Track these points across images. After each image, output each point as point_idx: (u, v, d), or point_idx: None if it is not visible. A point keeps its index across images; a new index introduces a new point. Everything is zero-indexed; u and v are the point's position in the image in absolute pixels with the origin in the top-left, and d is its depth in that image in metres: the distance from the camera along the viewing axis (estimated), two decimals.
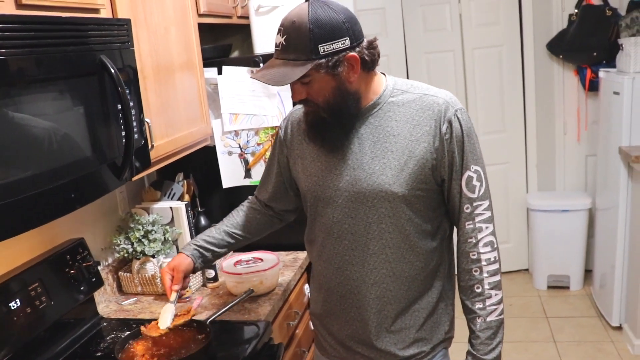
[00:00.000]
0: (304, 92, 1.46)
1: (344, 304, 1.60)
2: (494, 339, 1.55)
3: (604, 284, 3.76)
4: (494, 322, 1.54)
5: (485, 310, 1.54)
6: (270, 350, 1.88)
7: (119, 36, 1.68)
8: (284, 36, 1.40)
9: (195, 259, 1.77)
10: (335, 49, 1.39)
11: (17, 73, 1.29)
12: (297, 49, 1.38)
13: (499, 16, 4.22)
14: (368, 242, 1.53)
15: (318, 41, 1.37)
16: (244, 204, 1.90)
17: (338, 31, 1.39)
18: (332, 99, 1.45)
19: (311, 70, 1.39)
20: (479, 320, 1.55)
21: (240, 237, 1.85)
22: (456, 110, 1.51)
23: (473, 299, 1.55)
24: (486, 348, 1.55)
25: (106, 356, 1.81)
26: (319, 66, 1.39)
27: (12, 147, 1.27)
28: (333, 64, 1.39)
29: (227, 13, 2.72)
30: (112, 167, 1.64)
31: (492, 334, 1.54)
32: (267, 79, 1.42)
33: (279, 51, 1.43)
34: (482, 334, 1.55)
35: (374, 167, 1.49)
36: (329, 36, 1.38)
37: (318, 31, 1.37)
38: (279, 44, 1.42)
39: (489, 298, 1.54)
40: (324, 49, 1.38)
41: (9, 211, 1.26)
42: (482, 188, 1.53)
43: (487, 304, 1.54)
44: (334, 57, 1.39)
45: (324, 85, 1.43)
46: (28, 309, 1.70)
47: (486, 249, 1.53)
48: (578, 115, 4.21)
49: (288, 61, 1.40)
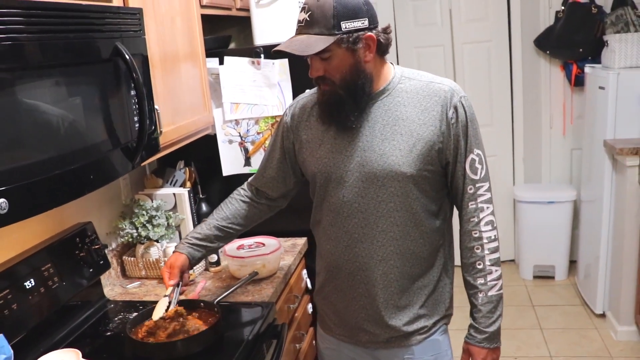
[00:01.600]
0: (321, 68, 1.54)
1: (352, 280, 1.68)
2: (494, 312, 1.64)
3: (588, 274, 3.87)
4: (494, 297, 1.64)
5: (487, 286, 1.64)
6: (274, 330, 1.95)
7: (131, 24, 1.73)
8: (308, 12, 1.49)
9: (189, 256, 1.83)
10: (355, 27, 1.49)
11: (36, 58, 1.34)
12: (320, 24, 1.48)
13: (487, 12, 4.31)
14: (377, 220, 1.60)
15: (341, 18, 1.47)
16: (232, 196, 1.95)
17: (359, 11, 1.49)
18: (348, 76, 1.53)
19: (333, 45, 1.48)
20: (481, 295, 1.64)
21: (230, 230, 1.90)
22: (461, 97, 1.60)
23: (475, 274, 1.65)
24: (487, 321, 1.64)
25: (115, 335, 1.87)
26: (340, 41, 1.48)
27: (30, 131, 1.32)
28: (353, 40, 1.49)
29: (227, 5, 2.77)
30: (125, 151, 1.69)
31: (492, 308, 1.64)
32: (292, 48, 1.49)
33: (302, 27, 1.52)
34: (484, 308, 1.64)
35: (384, 148, 1.57)
36: (350, 14, 1.47)
37: (341, 9, 1.47)
38: (303, 20, 1.51)
39: (490, 274, 1.63)
40: (346, 25, 1.47)
41: (29, 192, 1.31)
42: (483, 170, 1.62)
43: (488, 279, 1.64)
44: (354, 34, 1.49)
45: (342, 62, 1.52)
46: (42, 289, 1.75)
47: (487, 227, 1.63)
48: (564, 109, 4.32)
49: (311, 35, 1.49)
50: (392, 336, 1.69)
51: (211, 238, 1.87)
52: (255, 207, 1.91)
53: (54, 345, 1.78)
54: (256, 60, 2.56)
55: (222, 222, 1.88)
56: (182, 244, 1.85)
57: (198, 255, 1.85)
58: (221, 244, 1.92)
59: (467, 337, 1.70)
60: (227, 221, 1.89)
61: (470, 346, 1.69)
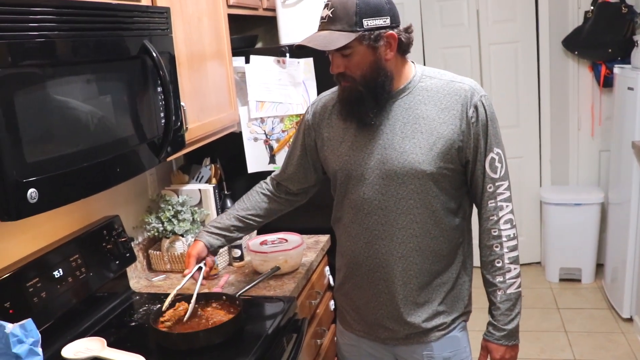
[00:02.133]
0: (342, 65, 1.56)
1: (372, 277, 1.70)
2: (513, 310, 1.65)
3: (615, 277, 3.83)
4: (513, 295, 1.65)
5: (505, 284, 1.65)
6: (295, 325, 1.98)
7: (159, 23, 1.78)
8: (331, 9, 1.53)
9: (207, 244, 1.87)
10: (377, 25, 1.52)
11: (69, 55, 1.40)
12: (342, 21, 1.51)
13: (515, 13, 4.29)
14: (397, 217, 1.63)
15: (363, 15, 1.50)
16: (254, 189, 1.99)
17: (381, 9, 1.52)
18: (368, 73, 1.56)
19: (354, 41, 1.51)
20: (500, 293, 1.65)
21: (249, 221, 1.93)
22: (481, 96, 1.61)
23: (494, 272, 1.66)
24: (506, 319, 1.65)
25: (140, 326, 1.92)
26: (362, 38, 1.51)
27: (60, 125, 1.38)
28: (374, 37, 1.52)
29: (254, 5, 2.81)
30: (151, 146, 1.74)
31: (511, 306, 1.65)
32: (314, 43, 1.53)
33: (325, 23, 1.55)
34: (503, 305, 1.65)
35: (405, 146, 1.59)
36: (372, 12, 1.51)
37: (363, 6, 1.50)
38: (325, 16, 1.54)
39: (509, 272, 1.65)
40: (368, 23, 1.50)
41: (58, 183, 1.36)
42: (503, 169, 1.63)
43: (507, 277, 1.65)
44: (375, 32, 1.51)
45: (363, 59, 1.54)
46: (70, 278, 1.81)
47: (506, 225, 1.64)
48: (592, 110, 4.28)
49: (333, 31, 1.52)
50: (411, 332, 1.70)
51: (230, 228, 1.90)
52: (276, 200, 1.95)
53: (81, 333, 1.84)
54: (281, 59, 2.59)
55: (242, 213, 1.92)
56: (202, 233, 1.90)
57: (217, 243, 1.89)
58: (240, 235, 1.95)
59: (485, 334, 1.71)
60: (247, 212, 1.92)
61: (488, 343, 1.70)
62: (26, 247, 1.80)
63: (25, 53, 1.26)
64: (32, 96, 1.28)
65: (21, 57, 1.25)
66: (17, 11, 1.24)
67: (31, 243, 1.82)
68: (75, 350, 1.71)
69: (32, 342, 1.28)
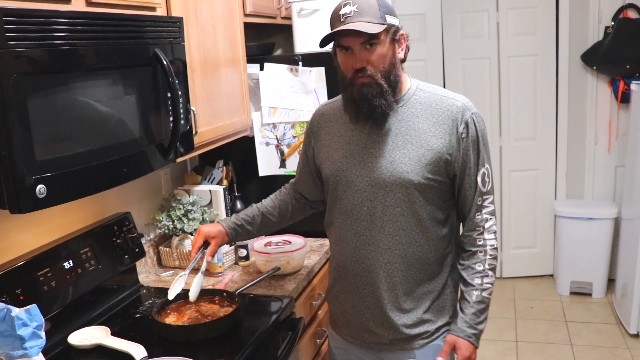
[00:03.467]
0: (364, 59, 1.62)
1: (358, 281, 1.77)
2: (483, 314, 1.73)
3: (625, 293, 3.83)
4: (487, 299, 1.73)
5: (482, 287, 1.72)
6: (291, 323, 2.07)
7: (172, 32, 1.88)
8: (355, 5, 1.60)
9: (231, 235, 1.97)
10: (394, 23, 1.64)
11: (83, 61, 1.51)
12: (370, 14, 1.60)
13: (535, 26, 4.32)
14: (384, 223, 1.70)
15: (385, 11, 1.62)
16: (282, 189, 2.09)
17: (393, 10, 1.66)
18: (388, 67, 1.64)
19: (383, 32, 1.60)
20: (476, 293, 1.72)
21: (273, 219, 2.03)
22: (472, 114, 1.69)
23: (474, 274, 1.73)
24: (477, 319, 1.72)
25: (144, 318, 2.02)
26: (388, 30, 1.62)
27: (75, 126, 1.49)
28: (394, 33, 1.64)
29: (272, 14, 2.91)
30: (160, 148, 1.85)
31: (482, 309, 1.72)
32: (353, 27, 1.57)
33: (351, 17, 1.59)
34: (477, 306, 1.72)
35: (395, 156, 1.67)
36: (390, 11, 1.64)
37: (382, 5, 1.62)
38: (351, 11, 1.60)
39: (487, 277, 1.72)
40: (389, 19, 1.62)
41: (67, 180, 1.47)
42: (490, 183, 1.72)
43: (484, 281, 1.72)
44: (394, 27, 1.63)
45: (386, 52, 1.63)
46: (79, 270, 1.93)
47: (490, 236, 1.73)
48: (609, 126, 4.28)
49: (364, 22, 1.59)
50: (396, 338, 1.76)
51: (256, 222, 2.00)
52: (300, 203, 2.05)
53: (88, 322, 1.95)
54: (294, 68, 2.69)
55: (270, 209, 2.02)
56: (229, 220, 2.00)
57: (236, 235, 1.98)
58: (259, 231, 2.04)
59: (454, 330, 1.74)
60: (273, 209, 2.02)
61: (458, 339, 1.73)
62: (41, 238, 1.92)
63: (44, 60, 1.37)
64: (45, 100, 1.39)
65: (37, 64, 1.36)
66: (39, 22, 1.36)
67: (46, 235, 1.94)
68: (81, 337, 1.82)
69: (35, 325, 1.38)
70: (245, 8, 2.60)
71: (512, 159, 4.51)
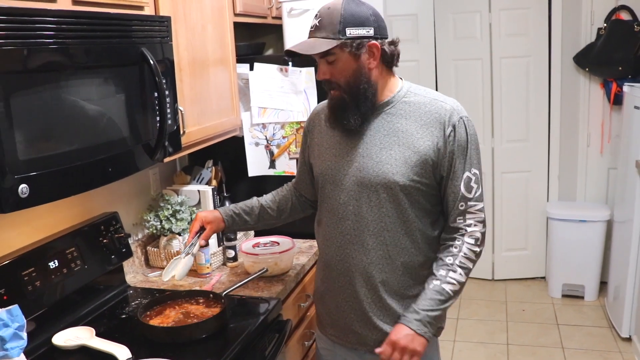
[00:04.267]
0: (327, 72, 1.65)
1: (343, 280, 1.77)
2: (439, 305, 1.64)
3: (617, 296, 3.83)
4: (446, 292, 1.65)
5: (445, 279, 1.66)
6: (278, 325, 2.05)
7: (159, 31, 1.87)
8: (319, 19, 1.62)
9: (228, 224, 1.99)
10: (360, 34, 1.60)
11: (69, 60, 1.49)
12: (327, 29, 1.60)
13: (528, 27, 4.32)
14: (369, 223, 1.69)
15: (347, 24, 1.59)
16: (285, 186, 2.09)
17: (365, 21, 1.61)
18: (352, 80, 1.64)
19: (336, 48, 1.59)
20: (435, 282, 1.66)
21: (272, 213, 2.04)
22: (461, 117, 1.67)
23: (441, 266, 1.68)
24: (427, 305, 1.64)
25: (130, 318, 2.01)
26: (344, 45, 1.60)
27: (59, 125, 1.48)
28: (357, 46, 1.60)
29: (262, 14, 2.90)
30: (147, 148, 1.83)
31: (439, 300, 1.64)
32: (299, 48, 1.63)
33: (312, 31, 1.65)
34: (430, 293, 1.64)
35: (381, 156, 1.67)
36: (356, 22, 1.60)
37: (347, 17, 1.59)
38: (313, 25, 1.64)
39: (454, 272, 1.66)
40: (351, 32, 1.59)
41: (50, 180, 1.46)
42: (478, 190, 1.68)
43: (449, 274, 1.66)
44: (357, 40, 1.60)
45: (346, 66, 1.63)
46: (64, 270, 1.91)
47: (471, 240, 1.68)
48: (602, 128, 4.29)
49: (318, 38, 1.62)
50: (380, 339, 1.72)
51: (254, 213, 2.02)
52: (300, 202, 2.05)
53: (74, 322, 1.93)
54: (284, 68, 2.68)
55: (270, 204, 2.04)
56: (227, 208, 2.03)
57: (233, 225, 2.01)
58: (256, 225, 2.06)
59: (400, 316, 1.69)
60: (274, 204, 2.04)
61: (397, 324, 1.66)
62: (27, 238, 1.90)
63: (29, 58, 1.36)
64: (29, 98, 1.37)
65: (25, 62, 1.34)
66: (25, 20, 1.35)
67: (32, 234, 1.92)
68: (65, 338, 1.80)
69: (17, 326, 1.37)
70: (235, 7, 2.59)
71: (504, 160, 4.50)
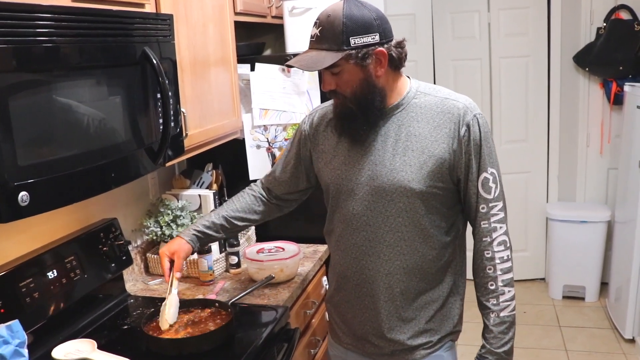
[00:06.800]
0: (333, 83, 1.57)
1: (359, 292, 1.70)
2: (506, 334, 1.62)
3: (619, 297, 3.79)
4: (507, 318, 1.62)
5: (499, 307, 1.62)
6: (286, 334, 1.98)
7: (161, 30, 1.79)
8: (319, 28, 1.52)
9: (194, 244, 1.88)
10: (365, 43, 1.50)
11: (68, 59, 1.42)
12: (330, 40, 1.50)
13: (527, 27, 4.28)
14: (384, 234, 1.62)
15: (350, 34, 1.49)
16: (245, 191, 2.00)
17: (369, 27, 1.50)
18: (359, 90, 1.55)
19: (341, 60, 1.50)
20: (493, 316, 1.63)
21: (237, 223, 1.94)
22: (475, 115, 1.59)
23: (487, 295, 1.64)
24: (499, 342, 1.62)
25: (132, 329, 1.93)
26: (349, 56, 1.50)
27: (59, 128, 1.40)
28: (362, 55, 1.50)
29: (262, 13, 2.83)
30: (149, 151, 1.76)
31: (505, 329, 1.62)
32: (301, 64, 1.54)
33: (313, 42, 1.55)
34: (495, 329, 1.62)
35: (395, 163, 1.58)
36: (360, 30, 1.49)
37: (350, 25, 1.49)
38: (314, 35, 1.54)
39: (502, 295, 1.62)
40: (355, 41, 1.49)
41: (51, 186, 1.38)
42: (497, 189, 1.61)
43: (500, 300, 1.62)
44: (363, 50, 1.50)
45: (352, 77, 1.54)
46: (64, 280, 1.83)
47: (500, 247, 1.61)
48: (602, 128, 4.25)
49: (321, 50, 1.52)
50: (396, 349, 1.69)
51: (217, 228, 1.91)
52: (265, 204, 1.96)
53: (74, 334, 1.85)
54: (286, 68, 2.60)
55: (231, 214, 1.93)
56: (189, 231, 1.91)
57: (200, 243, 1.91)
58: (225, 236, 1.96)
59: (477, 356, 1.67)
60: (236, 213, 1.93)
61: None
62: (24, 246, 1.81)
63: (25, 58, 1.28)
64: (28, 101, 1.30)
65: (21, 62, 1.26)
66: (19, 17, 1.26)
67: (29, 243, 1.84)
68: (65, 352, 1.72)
69: (17, 343, 1.29)
70: (236, 6, 2.51)
71: (503, 161, 4.35)
